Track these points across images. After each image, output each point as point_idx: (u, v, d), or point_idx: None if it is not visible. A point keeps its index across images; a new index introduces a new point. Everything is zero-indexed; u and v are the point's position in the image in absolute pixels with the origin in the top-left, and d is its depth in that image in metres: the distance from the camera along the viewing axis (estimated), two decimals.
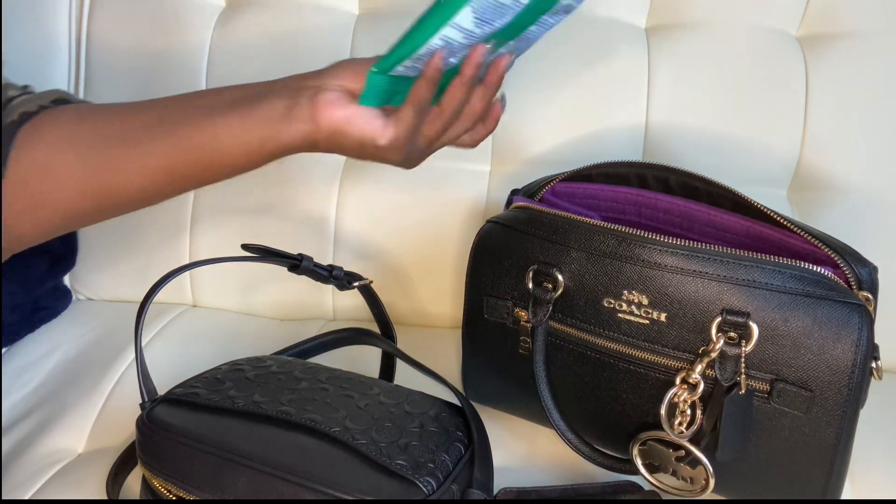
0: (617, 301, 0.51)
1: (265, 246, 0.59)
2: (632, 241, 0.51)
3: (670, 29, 0.75)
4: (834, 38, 0.72)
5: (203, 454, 0.46)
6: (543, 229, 0.55)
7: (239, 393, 0.51)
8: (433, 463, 0.46)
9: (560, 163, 0.74)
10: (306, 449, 0.46)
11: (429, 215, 0.76)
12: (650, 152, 0.74)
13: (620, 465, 0.54)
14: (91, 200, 0.51)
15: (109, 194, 0.51)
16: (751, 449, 0.50)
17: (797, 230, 0.52)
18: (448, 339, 0.74)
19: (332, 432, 0.47)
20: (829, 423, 0.47)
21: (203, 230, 0.80)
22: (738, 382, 0.48)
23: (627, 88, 0.74)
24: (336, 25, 0.78)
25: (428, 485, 0.44)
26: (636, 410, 0.53)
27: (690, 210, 0.58)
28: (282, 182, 0.78)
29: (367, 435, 0.47)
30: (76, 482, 0.58)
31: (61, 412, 0.66)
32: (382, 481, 0.44)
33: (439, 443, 0.48)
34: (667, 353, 0.50)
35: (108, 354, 0.73)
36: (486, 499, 0.47)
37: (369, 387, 0.53)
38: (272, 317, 0.81)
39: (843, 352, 0.46)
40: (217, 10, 0.81)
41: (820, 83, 0.71)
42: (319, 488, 0.43)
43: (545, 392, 0.55)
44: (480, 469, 0.48)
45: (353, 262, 0.78)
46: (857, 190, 0.71)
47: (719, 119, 0.72)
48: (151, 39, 0.80)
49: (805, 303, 0.47)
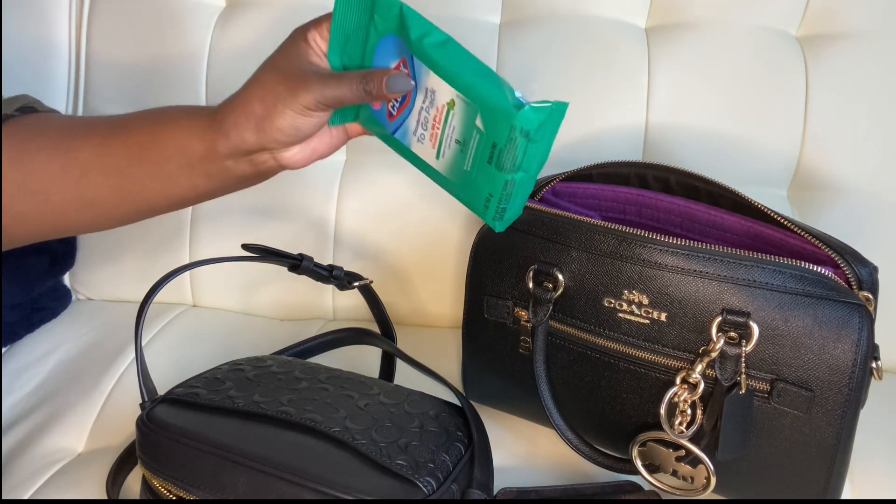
0: (617, 301, 0.51)
1: (265, 246, 0.59)
2: (632, 241, 0.51)
3: (670, 29, 0.75)
4: (834, 38, 0.72)
5: (203, 454, 0.46)
6: (544, 229, 0.55)
7: (239, 393, 0.51)
8: (433, 463, 0.46)
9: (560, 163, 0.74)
10: (306, 449, 0.46)
11: (429, 215, 0.76)
12: (650, 152, 0.74)
13: (620, 465, 0.54)
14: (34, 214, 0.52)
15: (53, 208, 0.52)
16: (751, 449, 0.50)
17: (797, 230, 0.52)
18: (448, 339, 0.74)
19: (332, 432, 0.47)
20: (830, 423, 0.47)
21: (203, 230, 0.80)
22: (739, 382, 0.48)
23: (627, 88, 0.74)
24: None
25: (428, 485, 0.44)
26: (636, 410, 0.53)
27: (691, 210, 0.58)
28: (282, 182, 0.78)
29: (366, 435, 0.47)
30: (76, 482, 0.58)
31: (61, 412, 0.66)
32: (382, 481, 0.44)
33: (439, 443, 0.48)
34: (667, 353, 0.50)
35: (108, 354, 0.73)
36: (486, 499, 0.47)
37: (369, 387, 0.53)
38: (272, 317, 0.81)
39: (844, 352, 0.46)
40: (217, 11, 0.81)
41: (820, 83, 0.71)
42: (319, 488, 0.43)
43: (545, 392, 0.55)
44: (480, 469, 0.48)
45: (353, 262, 0.78)
46: (857, 190, 0.71)
47: (719, 119, 0.72)
48: (151, 40, 0.80)
49: (805, 303, 0.47)
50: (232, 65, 0.78)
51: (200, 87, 0.79)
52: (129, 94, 0.80)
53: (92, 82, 0.82)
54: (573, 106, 0.75)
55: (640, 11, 0.77)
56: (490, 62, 0.76)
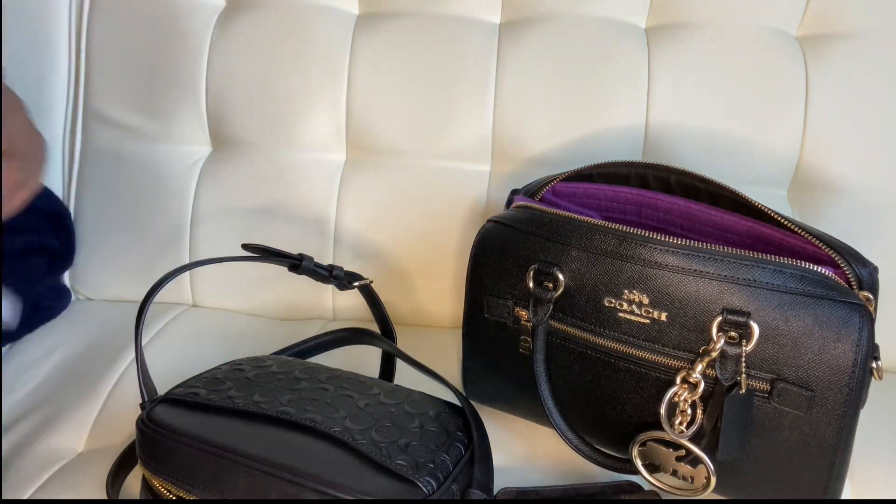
0: (617, 300, 0.51)
1: (265, 246, 0.59)
2: (632, 241, 0.51)
3: (670, 29, 0.75)
4: (834, 38, 0.72)
5: (203, 454, 0.46)
6: (544, 229, 0.55)
7: (239, 393, 0.51)
8: (433, 463, 0.46)
9: (560, 163, 0.74)
10: (306, 449, 0.46)
11: (429, 215, 0.76)
12: (650, 152, 0.74)
13: (620, 465, 0.54)
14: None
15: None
16: (751, 448, 0.50)
17: (798, 230, 0.52)
18: (448, 339, 0.74)
19: (332, 432, 0.47)
20: (830, 423, 0.47)
21: (203, 230, 0.80)
22: (739, 382, 0.48)
23: (627, 88, 0.74)
24: (336, 25, 0.78)
25: (428, 485, 0.44)
26: (636, 410, 0.53)
27: (691, 210, 0.58)
28: (282, 182, 0.78)
29: (366, 435, 0.47)
30: (76, 482, 0.58)
31: (61, 412, 0.66)
32: (382, 481, 0.44)
33: (439, 443, 0.48)
34: (667, 353, 0.50)
35: (108, 354, 0.73)
36: (486, 499, 0.47)
37: (369, 387, 0.53)
38: (272, 317, 0.81)
39: (844, 351, 0.46)
40: (217, 10, 0.81)
41: (820, 83, 0.71)
42: (319, 488, 0.43)
43: (545, 392, 0.55)
44: (480, 469, 0.48)
45: (353, 262, 0.78)
46: (857, 190, 0.71)
47: (719, 119, 0.72)
48: (151, 39, 0.80)
49: (806, 302, 0.47)
50: (232, 65, 0.78)
51: (200, 87, 0.79)
52: (129, 94, 0.80)
53: (92, 82, 0.82)
54: (573, 106, 0.76)
55: (640, 11, 0.77)
56: (490, 62, 0.76)
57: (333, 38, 0.78)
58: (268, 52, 0.78)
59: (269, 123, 0.78)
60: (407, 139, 0.77)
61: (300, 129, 0.78)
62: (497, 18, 0.79)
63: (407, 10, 0.79)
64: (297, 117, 0.78)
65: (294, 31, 0.78)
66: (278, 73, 0.78)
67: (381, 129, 0.77)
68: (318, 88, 0.77)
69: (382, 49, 0.77)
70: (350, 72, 0.77)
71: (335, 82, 0.77)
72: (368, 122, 0.77)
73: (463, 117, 0.76)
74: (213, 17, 0.80)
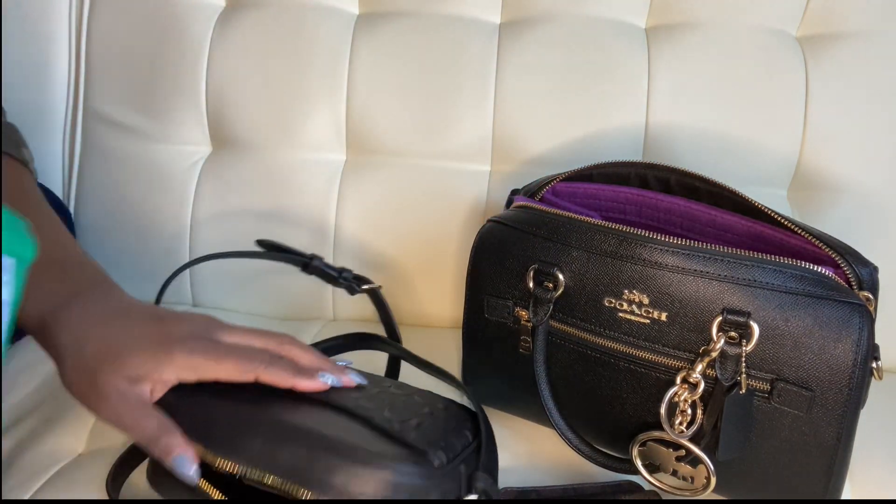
0: (618, 300, 0.51)
1: (279, 243, 0.58)
2: (633, 241, 0.51)
3: (670, 29, 0.75)
4: (834, 38, 0.72)
5: (221, 416, 0.46)
6: (544, 229, 0.55)
7: None
8: (444, 442, 0.46)
9: (560, 163, 0.74)
10: (318, 418, 0.46)
11: (429, 215, 0.76)
12: (650, 152, 0.74)
13: (620, 465, 0.54)
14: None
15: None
16: (751, 449, 0.50)
17: (798, 230, 0.52)
18: (448, 339, 0.74)
19: (345, 406, 0.47)
20: (830, 423, 0.47)
21: (203, 230, 0.80)
22: (739, 382, 0.48)
23: (627, 88, 0.74)
24: (336, 25, 0.78)
25: (439, 458, 0.44)
26: (636, 410, 0.53)
27: (691, 210, 0.58)
28: (281, 182, 0.78)
29: (379, 413, 0.47)
30: (76, 482, 0.58)
31: (61, 412, 0.66)
32: (396, 449, 0.44)
33: (448, 427, 0.48)
34: (667, 353, 0.50)
35: None
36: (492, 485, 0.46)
37: (379, 380, 0.53)
38: (272, 317, 0.81)
39: (844, 352, 0.46)
40: (217, 10, 0.81)
41: (820, 83, 0.71)
42: (335, 451, 0.43)
43: (545, 392, 0.55)
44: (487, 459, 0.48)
45: (353, 263, 0.78)
46: (857, 190, 0.71)
47: (719, 119, 0.72)
48: (151, 39, 0.80)
49: (806, 302, 0.47)
50: (232, 65, 0.78)
51: (200, 87, 0.79)
52: (129, 94, 0.80)
53: (92, 82, 0.82)
54: (573, 106, 0.76)
55: (640, 11, 0.77)
56: (490, 62, 0.76)
57: (333, 38, 0.78)
58: (268, 52, 0.78)
59: (269, 123, 0.78)
60: (407, 139, 0.77)
61: (300, 129, 0.78)
62: (497, 18, 0.79)
63: (407, 10, 0.79)
64: (297, 117, 0.78)
65: (294, 31, 0.78)
66: (278, 74, 0.78)
67: (381, 129, 0.77)
68: (317, 88, 0.77)
69: (382, 49, 0.77)
70: (350, 72, 0.77)
71: (335, 82, 0.77)
72: (368, 122, 0.77)
73: (463, 117, 0.76)
74: (213, 17, 0.80)
